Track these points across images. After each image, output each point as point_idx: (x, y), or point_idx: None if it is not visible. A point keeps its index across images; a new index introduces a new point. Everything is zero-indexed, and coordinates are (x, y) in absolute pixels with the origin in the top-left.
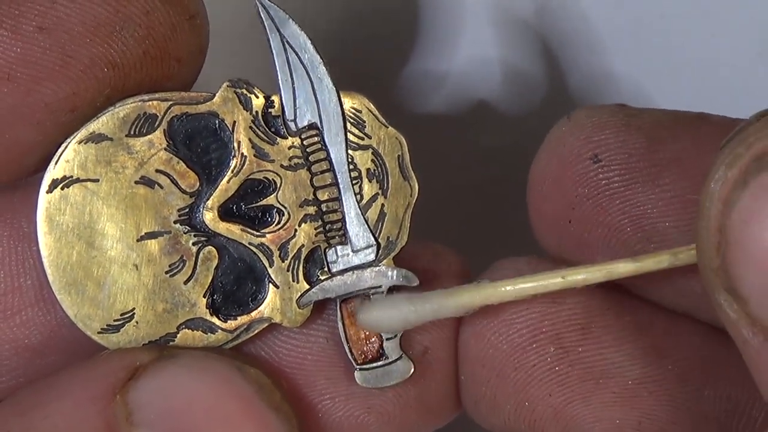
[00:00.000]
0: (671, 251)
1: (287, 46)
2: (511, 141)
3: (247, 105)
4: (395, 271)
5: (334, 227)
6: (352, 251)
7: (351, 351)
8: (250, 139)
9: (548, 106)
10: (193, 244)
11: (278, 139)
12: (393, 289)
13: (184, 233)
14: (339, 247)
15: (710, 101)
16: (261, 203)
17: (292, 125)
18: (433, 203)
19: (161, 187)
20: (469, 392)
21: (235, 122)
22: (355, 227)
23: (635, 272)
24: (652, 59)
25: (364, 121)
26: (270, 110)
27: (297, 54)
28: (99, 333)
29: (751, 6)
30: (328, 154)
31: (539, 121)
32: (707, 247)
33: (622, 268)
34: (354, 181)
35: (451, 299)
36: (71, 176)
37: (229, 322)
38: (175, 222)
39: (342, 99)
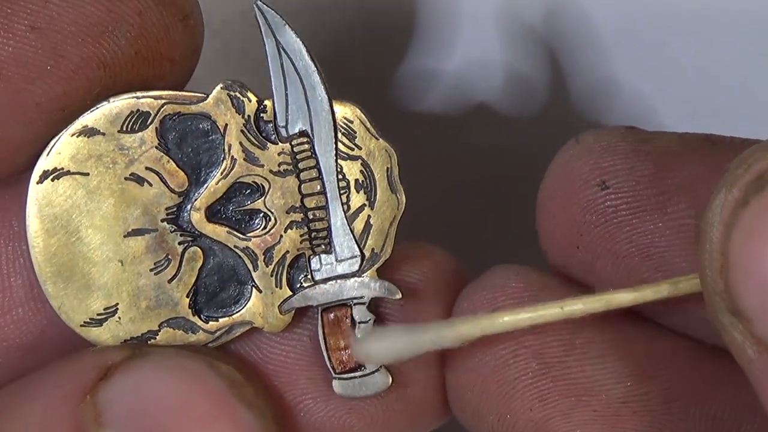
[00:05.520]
0: (671, 281)
1: (282, 51)
2: (508, 142)
3: (239, 108)
4: (378, 283)
5: (320, 235)
6: (336, 260)
7: (330, 359)
8: (240, 143)
9: (546, 107)
10: (179, 243)
11: (269, 144)
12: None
13: (171, 232)
14: (323, 256)
15: (711, 102)
16: (248, 207)
17: (283, 131)
18: (429, 204)
19: (150, 185)
20: (455, 398)
21: (226, 125)
22: (341, 237)
23: (634, 302)
24: (651, 59)
25: (355, 132)
26: (262, 115)
27: (291, 60)
28: (81, 326)
29: (751, 6)
30: (318, 162)
31: (537, 122)
32: (711, 270)
33: (621, 297)
34: (342, 191)
35: (450, 330)
36: (62, 168)
37: (210, 323)
38: (162, 220)
39: (334, 108)
